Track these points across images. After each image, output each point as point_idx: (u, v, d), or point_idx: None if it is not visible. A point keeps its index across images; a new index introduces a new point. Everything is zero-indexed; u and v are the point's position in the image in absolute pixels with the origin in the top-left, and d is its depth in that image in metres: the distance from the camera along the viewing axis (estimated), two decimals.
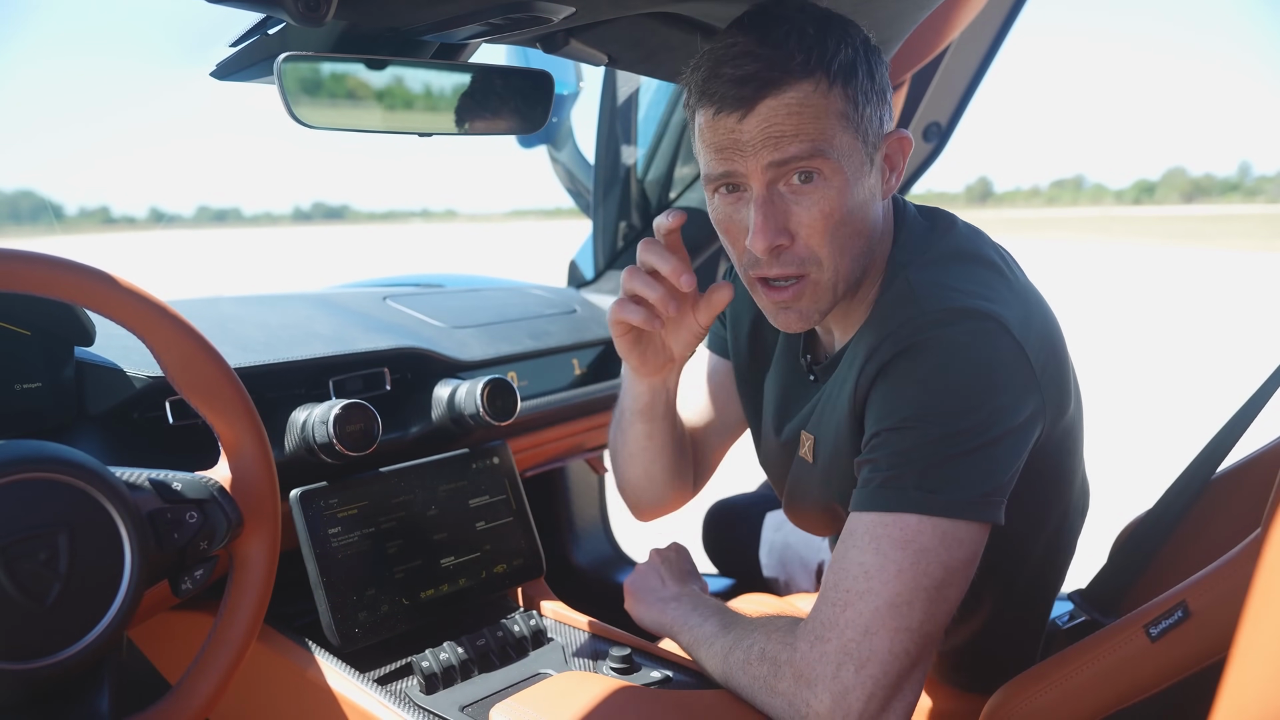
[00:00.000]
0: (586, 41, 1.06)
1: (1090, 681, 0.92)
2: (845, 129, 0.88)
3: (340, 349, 1.29)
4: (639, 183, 2.06)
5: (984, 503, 0.84)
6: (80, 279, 0.77)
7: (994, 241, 1.00)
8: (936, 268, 0.93)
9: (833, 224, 0.89)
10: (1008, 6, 1.79)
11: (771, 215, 0.88)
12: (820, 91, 0.86)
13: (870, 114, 0.90)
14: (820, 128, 0.87)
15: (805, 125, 0.86)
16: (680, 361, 1.11)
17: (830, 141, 0.87)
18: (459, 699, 1.02)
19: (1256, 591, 0.48)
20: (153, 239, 36.93)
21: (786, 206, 0.89)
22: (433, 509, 1.22)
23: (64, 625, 0.73)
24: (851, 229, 0.91)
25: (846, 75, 0.87)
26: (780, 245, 0.90)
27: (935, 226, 0.99)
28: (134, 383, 1.08)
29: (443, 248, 32.94)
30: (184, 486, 0.84)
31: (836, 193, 0.88)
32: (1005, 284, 0.93)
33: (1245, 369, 5.72)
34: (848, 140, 0.88)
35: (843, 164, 0.88)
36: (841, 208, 0.89)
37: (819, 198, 0.88)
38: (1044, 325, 0.93)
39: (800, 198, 0.89)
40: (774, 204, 0.89)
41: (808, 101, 0.86)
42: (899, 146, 0.94)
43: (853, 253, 0.92)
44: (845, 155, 0.88)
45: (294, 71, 0.94)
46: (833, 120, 0.87)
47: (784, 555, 1.71)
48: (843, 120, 0.88)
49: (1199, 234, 35.53)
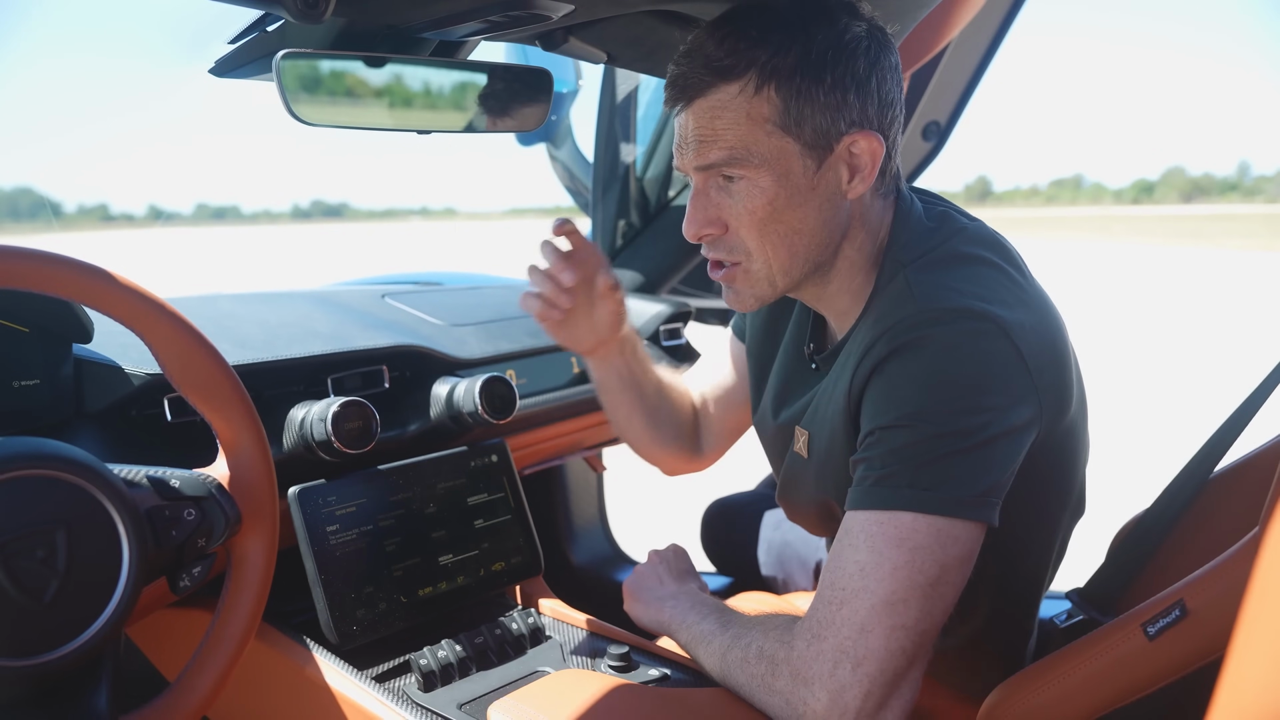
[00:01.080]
0: (585, 39, 1.06)
1: (1088, 680, 0.92)
2: (772, 133, 0.89)
3: (339, 347, 1.29)
4: (638, 181, 2.06)
5: (979, 502, 0.84)
6: (78, 276, 0.77)
7: (1004, 243, 0.99)
8: (938, 268, 0.93)
9: (758, 221, 0.93)
10: (1007, 5, 1.79)
11: (700, 207, 0.95)
12: (745, 95, 0.88)
13: (811, 115, 0.89)
14: (740, 134, 0.89)
15: (725, 131, 0.90)
16: (614, 341, 1.23)
17: (750, 147, 0.90)
18: (457, 697, 1.02)
19: (1254, 590, 0.48)
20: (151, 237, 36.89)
21: (720, 199, 0.95)
22: (431, 507, 1.22)
23: (62, 622, 0.73)
24: (786, 227, 0.93)
25: (782, 77, 0.88)
26: (708, 234, 0.96)
27: (941, 226, 0.99)
28: (132, 380, 1.08)
29: (441, 246, 32.93)
30: (182, 484, 0.83)
31: (761, 193, 0.91)
32: (1008, 286, 0.93)
33: (1244, 368, 5.73)
34: (775, 144, 0.90)
35: (768, 167, 0.90)
36: (767, 207, 0.91)
37: (744, 196, 0.92)
38: (1046, 328, 0.92)
39: (729, 194, 0.94)
40: (707, 196, 0.95)
41: (729, 105, 0.89)
42: (866, 147, 0.91)
43: (791, 249, 0.94)
44: (771, 159, 0.90)
45: (293, 68, 0.94)
46: (756, 125, 0.89)
47: (782, 554, 1.71)
48: (766, 124, 0.89)
49: (1198, 233, 35.55)
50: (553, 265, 1.17)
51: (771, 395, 1.15)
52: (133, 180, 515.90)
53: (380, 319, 1.48)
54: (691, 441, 1.36)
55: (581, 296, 1.19)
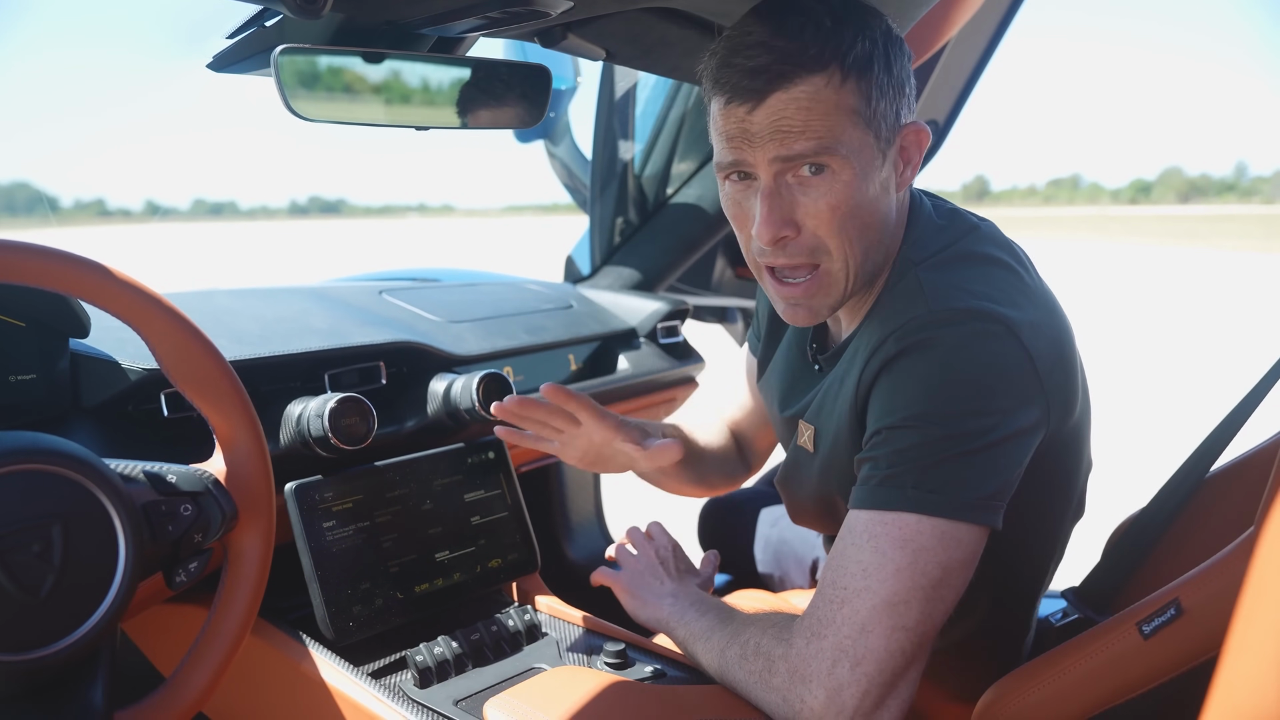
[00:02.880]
0: (585, 36, 1.06)
1: (1083, 679, 0.92)
2: (856, 124, 0.87)
3: (336, 342, 1.29)
4: (636, 178, 2.06)
5: (983, 506, 0.84)
6: (75, 270, 0.76)
7: (1012, 244, 0.99)
8: (949, 267, 0.92)
9: (840, 216, 0.89)
10: (1005, 6, 1.79)
11: (777, 207, 0.89)
12: (832, 86, 0.86)
13: (885, 108, 0.89)
14: (829, 124, 0.86)
15: (814, 121, 0.86)
16: (628, 465, 1.22)
17: (839, 138, 0.87)
18: (453, 693, 1.02)
19: (1249, 590, 0.49)
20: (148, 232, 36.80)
21: (794, 197, 0.89)
22: (428, 503, 1.22)
23: (58, 617, 0.73)
24: (861, 222, 0.90)
25: (861, 69, 0.86)
26: (785, 236, 0.90)
27: (952, 225, 0.98)
28: (129, 375, 1.07)
29: (439, 243, 32.89)
30: (179, 479, 0.83)
31: (844, 186, 0.88)
32: (1019, 288, 0.92)
33: (1240, 367, 5.73)
34: (858, 135, 0.88)
35: (852, 159, 0.88)
36: (849, 201, 0.88)
37: (826, 191, 0.88)
38: (1055, 330, 0.91)
39: (808, 190, 0.89)
40: (781, 195, 0.89)
41: (818, 96, 0.86)
42: (915, 139, 0.93)
43: (864, 245, 0.92)
44: (855, 151, 0.88)
45: (291, 64, 0.93)
46: (843, 116, 0.87)
47: (779, 551, 1.71)
48: (854, 116, 0.87)
49: (1195, 234, 35.60)
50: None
51: (777, 392, 1.15)
52: (130, 175, 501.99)
53: (377, 315, 1.47)
54: (737, 470, 1.40)
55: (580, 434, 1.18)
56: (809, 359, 1.10)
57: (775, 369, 1.17)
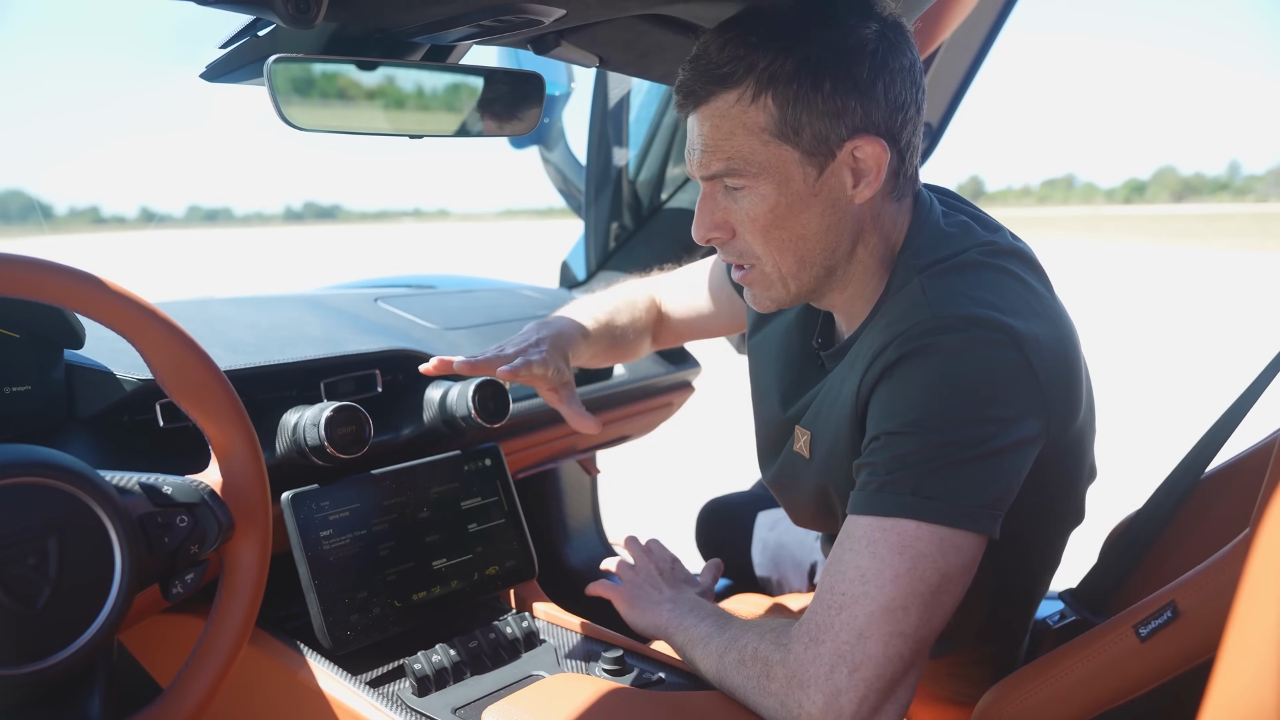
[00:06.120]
0: (577, 43, 1.06)
1: (1080, 681, 0.92)
2: (769, 142, 0.89)
3: (331, 351, 1.29)
4: (630, 183, 2.06)
5: (982, 514, 0.84)
6: (68, 282, 0.76)
7: (1027, 253, 0.98)
8: (954, 274, 0.91)
9: (761, 228, 0.93)
10: (999, 7, 1.79)
11: (707, 210, 0.97)
12: (742, 104, 0.89)
13: (810, 121, 0.88)
14: (736, 144, 0.90)
15: (722, 141, 0.91)
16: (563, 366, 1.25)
17: (747, 157, 0.90)
18: (451, 701, 1.02)
19: (1244, 592, 0.49)
20: (143, 239, 36.73)
21: (726, 204, 0.95)
22: (424, 511, 1.22)
23: (54, 630, 0.73)
24: (790, 233, 0.93)
25: (776, 85, 0.87)
26: (715, 237, 0.97)
27: (964, 234, 0.97)
28: (124, 386, 1.07)
29: (435, 248, 32.88)
30: (174, 490, 0.83)
31: (761, 200, 0.92)
32: (1025, 297, 0.91)
33: (1236, 367, 5.75)
34: (773, 152, 0.90)
35: (767, 175, 0.90)
36: (769, 214, 0.92)
37: (746, 204, 0.93)
38: (1060, 341, 0.90)
39: (734, 199, 0.94)
40: (715, 200, 0.96)
41: (727, 114, 0.90)
42: (870, 153, 0.90)
43: (797, 254, 0.94)
44: (769, 167, 0.90)
45: (284, 73, 0.93)
46: (751, 135, 0.89)
47: (778, 555, 1.71)
48: (762, 134, 0.89)
49: (1190, 233, 35.70)
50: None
51: (778, 388, 1.13)
52: (124, 182, 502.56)
53: (373, 323, 1.47)
54: (640, 351, 1.45)
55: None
56: (813, 354, 1.09)
57: (773, 352, 1.15)
